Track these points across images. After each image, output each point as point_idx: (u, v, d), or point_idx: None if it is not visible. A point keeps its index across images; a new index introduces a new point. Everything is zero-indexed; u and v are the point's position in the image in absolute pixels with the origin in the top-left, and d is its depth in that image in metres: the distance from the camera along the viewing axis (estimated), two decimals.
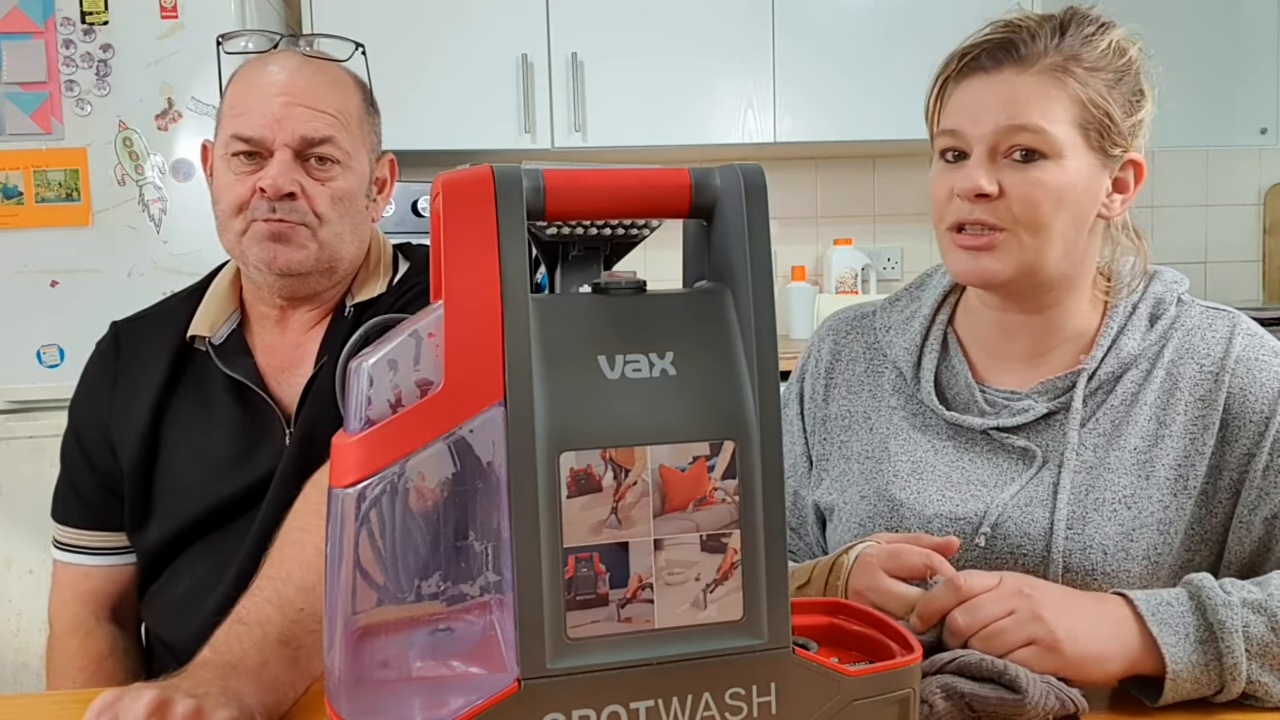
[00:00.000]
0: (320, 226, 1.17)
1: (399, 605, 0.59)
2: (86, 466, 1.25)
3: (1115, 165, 0.97)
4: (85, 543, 1.26)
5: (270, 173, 1.14)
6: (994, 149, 0.95)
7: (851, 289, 3.14)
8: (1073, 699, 0.75)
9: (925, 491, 1.01)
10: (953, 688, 0.74)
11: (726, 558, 0.57)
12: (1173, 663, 0.78)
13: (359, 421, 0.57)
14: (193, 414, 1.21)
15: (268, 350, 1.24)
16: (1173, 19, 3.07)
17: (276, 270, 1.17)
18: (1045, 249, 0.95)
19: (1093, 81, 0.95)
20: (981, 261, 0.96)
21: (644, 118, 2.84)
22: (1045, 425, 1.00)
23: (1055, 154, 0.94)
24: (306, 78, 1.18)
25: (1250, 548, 0.94)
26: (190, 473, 1.19)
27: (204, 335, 1.22)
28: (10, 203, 2.25)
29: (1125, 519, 0.95)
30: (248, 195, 1.16)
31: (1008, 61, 0.95)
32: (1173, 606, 0.81)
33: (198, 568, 1.17)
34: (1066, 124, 0.94)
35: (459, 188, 0.56)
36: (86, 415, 1.26)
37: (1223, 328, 1.00)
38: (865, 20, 2.88)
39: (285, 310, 1.24)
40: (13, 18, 2.23)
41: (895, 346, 1.09)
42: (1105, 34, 0.97)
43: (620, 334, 0.58)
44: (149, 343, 1.25)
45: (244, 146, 1.16)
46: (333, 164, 1.18)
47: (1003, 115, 0.94)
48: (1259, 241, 3.48)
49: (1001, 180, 0.94)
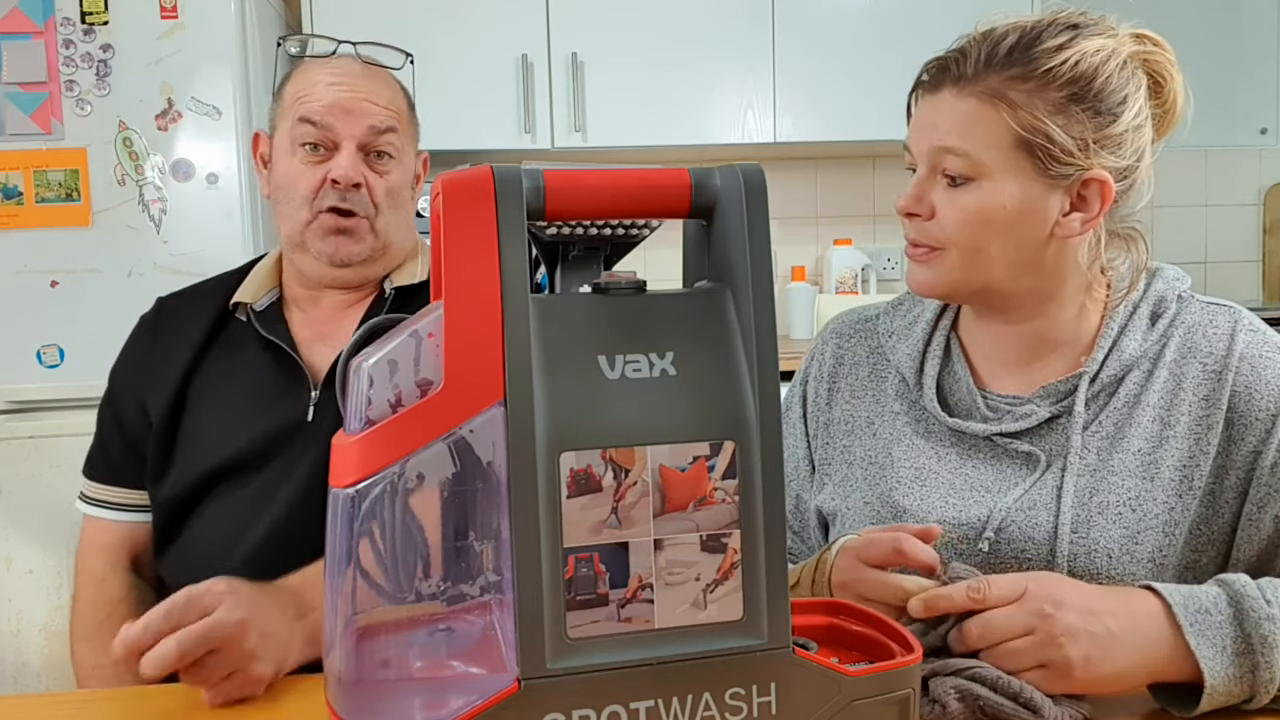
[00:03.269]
0: (377, 217, 1.27)
1: (399, 605, 0.59)
2: (115, 425, 1.32)
3: (1068, 184, 0.94)
4: (107, 498, 1.32)
5: (342, 164, 1.24)
6: (933, 168, 0.96)
7: (851, 289, 3.14)
8: (1084, 715, 0.75)
9: (928, 498, 1.01)
10: (968, 690, 0.73)
11: (726, 558, 0.57)
12: (1210, 676, 0.76)
13: (359, 421, 0.57)
14: (223, 371, 1.28)
15: (304, 323, 1.31)
16: (1173, 19, 3.06)
17: (337, 263, 1.26)
18: (986, 269, 0.96)
19: (1034, 102, 0.92)
20: (918, 274, 0.99)
21: (644, 118, 2.84)
22: (1048, 429, 1.00)
23: (983, 176, 0.93)
24: (368, 79, 1.28)
25: (1259, 546, 0.94)
26: (212, 422, 1.25)
27: (246, 302, 1.30)
28: (10, 203, 2.25)
29: (1130, 521, 0.94)
30: (317, 185, 1.24)
31: (945, 82, 0.95)
32: (1211, 615, 0.79)
33: (220, 522, 1.21)
34: (998, 147, 0.92)
35: (459, 188, 0.56)
36: (123, 377, 1.33)
37: (1224, 324, 0.99)
38: (865, 20, 2.88)
39: (322, 293, 1.31)
40: (13, 18, 2.23)
41: (898, 352, 1.09)
42: (1074, 44, 0.93)
43: (620, 334, 0.58)
44: (190, 313, 1.33)
45: (313, 134, 1.24)
46: (389, 158, 1.28)
47: (934, 136, 0.95)
48: (1259, 241, 3.48)
49: (935, 200, 0.96)
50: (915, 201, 0.96)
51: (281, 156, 1.28)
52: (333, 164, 1.24)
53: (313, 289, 1.31)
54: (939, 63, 0.97)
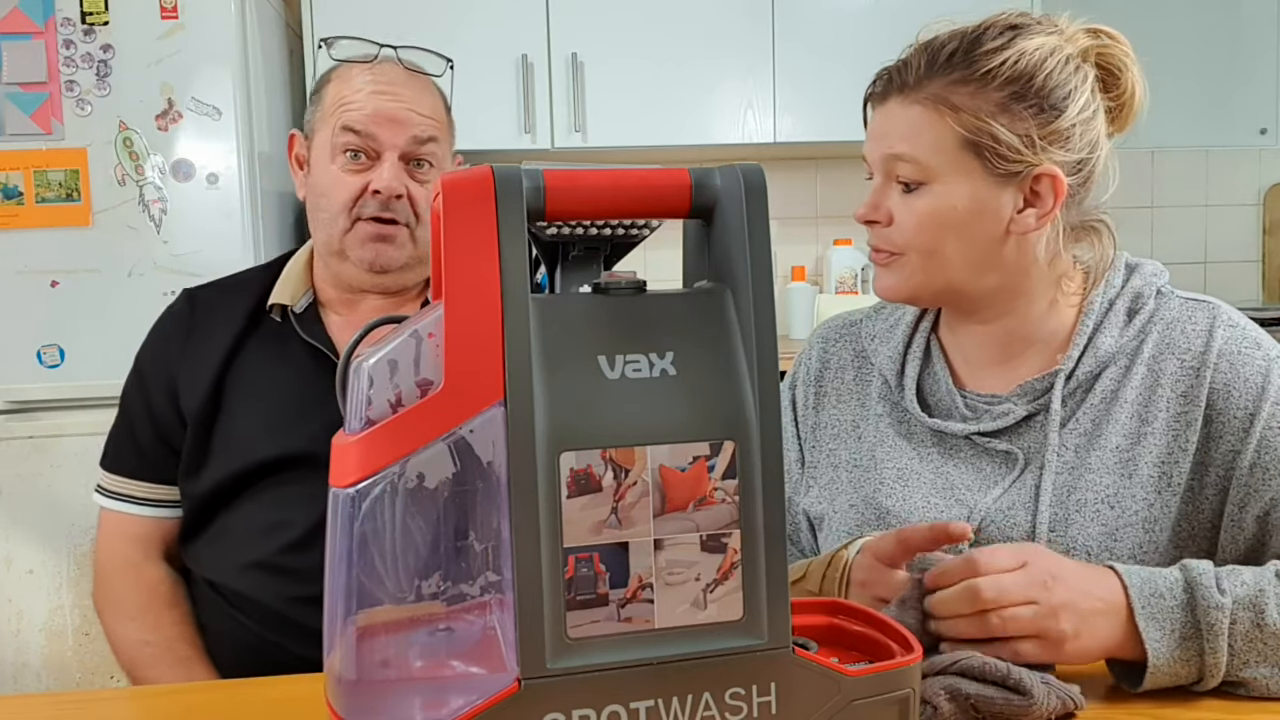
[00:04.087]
0: (418, 226, 1.26)
1: (399, 605, 0.59)
2: (147, 415, 1.29)
3: (1019, 181, 0.95)
4: (133, 492, 1.29)
5: (385, 175, 1.23)
6: (887, 175, 0.98)
7: (851, 289, 3.13)
8: (1073, 698, 0.76)
9: (911, 499, 1.02)
10: (957, 689, 0.74)
11: (726, 558, 0.57)
12: (1154, 657, 0.80)
13: (359, 421, 0.57)
14: (262, 369, 1.27)
15: (341, 326, 1.31)
16: (1173, 19, 3.08)
17: (376, 269, 1.26)
18: (945, 270, 0.97)
19: (976, 104, 0.93)
20: (882, 279, 1.01)
21: (644, 118, 2.84)
22: (1026, 427, 1.00)
23: (933, 180, 0.95)
24: (412, 87, 1.28)
25: (1245, 545, 0.94)
26: (252, 422, 1.24)
27: (285, 304, 1.29)
28: (10, 203, 2.25)
29: (1108, 519, 0.95)
30: (358, 193, 1.23)
31: (892, 91, 0.98)
32: (1164, 600, 0.82)
33: (259, 517, 1.21)
34: (944, 151, 0.94)
35: (459, 188, 0.56)
36: (155, 365, 1.30)
37: (1203, 320, 0.99)
38: (865, 20, 2.88)
39: (357, 296, 1.31)
40: (13, 18, 2.23)
41: (880, 354, 1.10)
42: (1013, 44, 0.94)
43: (620, 334, 0.58)
44: (224, 305, 1.31)
45: (356, 142, 1.23)
46: (430, 167, 1.28)
47: (884, 144, 0.97)
48: (1259, 241, 3.48)
49: (891, 207, 0.98)
50: (872, 209, 0.99)
51: (320, 162, 1.26)
52: (374, 174, 1.23)
53: (348, 293, 1.31)
54: (884, 74, 1.00)
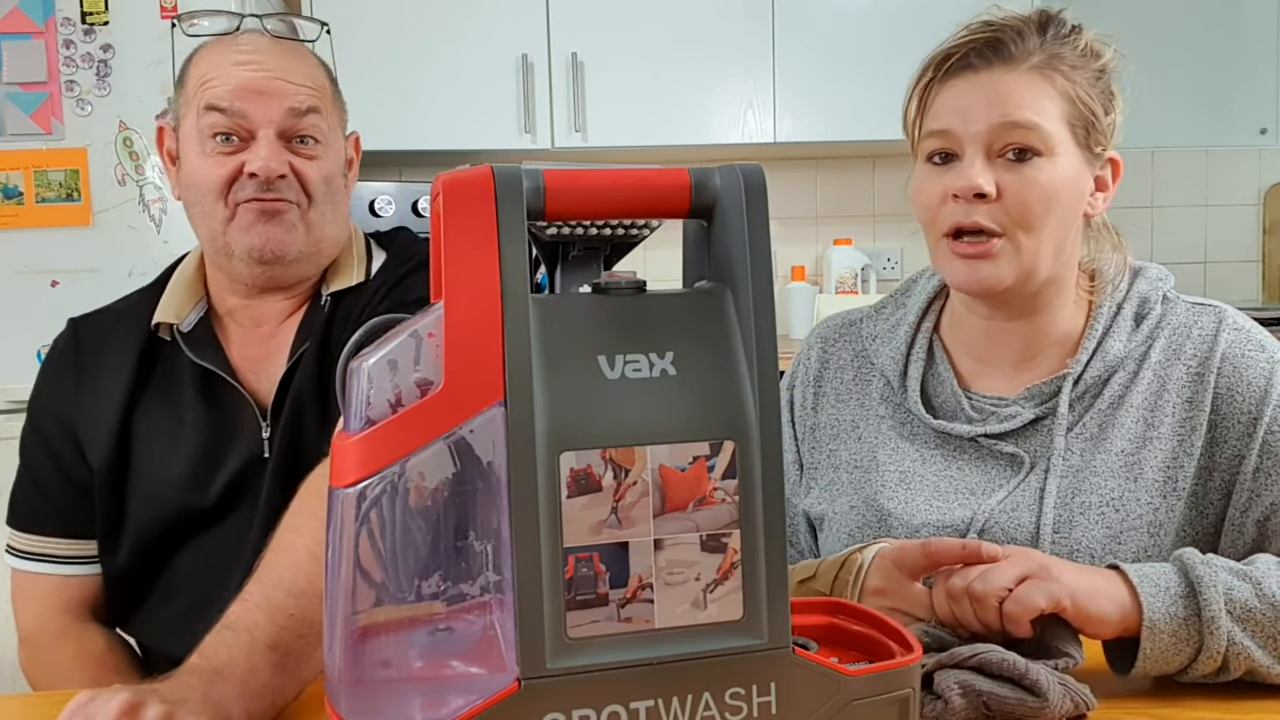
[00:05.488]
0: (310, 207, 1.13)
1: (399, 605, 0.59)
2: (54, 467, 1.18)
3: (1098, 163, 0.98)
4: (54, 551, 1.18)
5: (260, 154, 1.09)
6: (988, 148, 0.94)
7: (851, 289, 3.13)
8: (1085, 699, 0.76)
9: (913, 501, 1.01)
10: (971, 685, 0.74)
11: (726, 558, 0.57)
12: (1150, 611, 0.79)
13: (359, 421, 0.57)
14: (162, 411, 1.15)
15: (240, 342, 1.18)
16: (1172, 19, 3.07)
17: (266, 259, 1.12)
18: (1040, 250, 0.95)
19: (1077, 77, 0.95)
20: (981, 271, 0.95)
21: (644, 118, 2.84)
22: (1033, 430, 1.00)
23: (1048, 151, 0.94)
24: (279, 55, 1.13)
25: (1244, 549, 0.94)
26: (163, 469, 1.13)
27: (170, 323, 1.16)
28: (10, 203, 2.25)
29: (1113, 522, 0.95)
30: (230, 177, 1.10)
31: (996, 60, 0.95)
32: (1156, 569, 0.83)
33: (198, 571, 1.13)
34: (1057, 120, 0.94)
35: (459, 188, 0.56)
36: (49, 415, 1.19)
37: (1209, 324, 0.99)
38: (865, 20, 2.88)
39: (257, 300, 1.18)
40: (13, 18, 2.23)
41: (882, 355, 1.09)
42: (1079, 35, 0.97)
43: (620, 334, 0.58)
44: (112, 339, 1.19)
45: (224, 122, 1.10)
46: (315, 142, 1.14)
47: (995, 113, 0.93)
48: (1259, 241, 3.48)
49: (998, 180, 0.93)
50: (986, 183, 0.93)
51: (190, 152, 1.13)
52: (249, 155, 1.09)
53: (245, 296, 1.18)
54: (987, 42, 0.95)
